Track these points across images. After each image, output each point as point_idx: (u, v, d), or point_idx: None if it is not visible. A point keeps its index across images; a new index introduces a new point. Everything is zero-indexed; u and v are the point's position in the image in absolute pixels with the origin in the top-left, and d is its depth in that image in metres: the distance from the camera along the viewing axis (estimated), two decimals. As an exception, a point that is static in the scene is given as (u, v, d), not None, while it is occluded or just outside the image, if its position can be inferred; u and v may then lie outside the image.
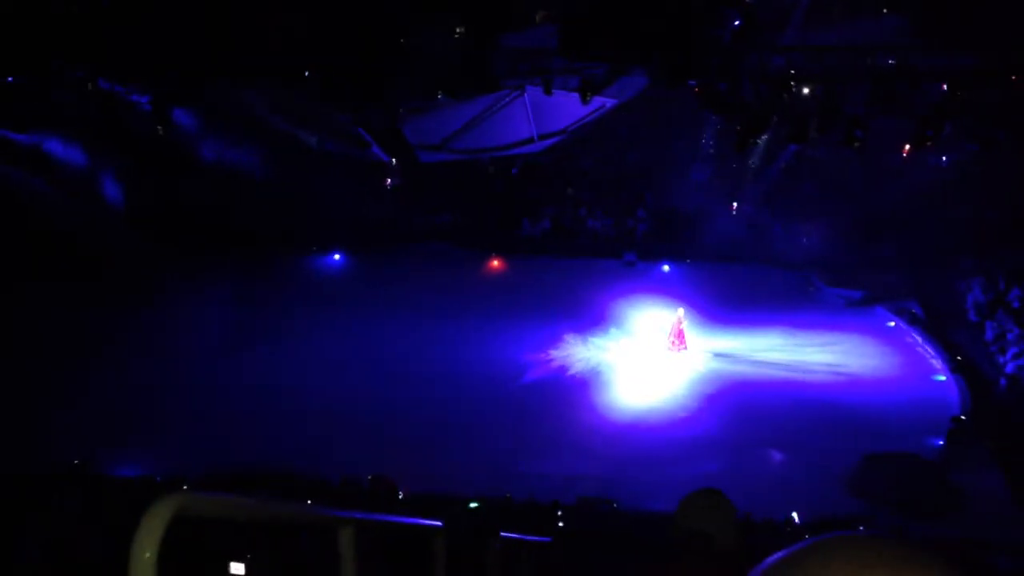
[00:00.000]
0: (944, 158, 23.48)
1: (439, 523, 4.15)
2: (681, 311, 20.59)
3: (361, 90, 18.44)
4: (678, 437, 17.60)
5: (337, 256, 25.63)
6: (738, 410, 18.59)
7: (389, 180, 24.08)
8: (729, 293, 23.02)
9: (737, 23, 18.72)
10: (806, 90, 19.84)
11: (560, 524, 13.05)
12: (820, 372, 19.81)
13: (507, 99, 20.80)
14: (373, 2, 18.28)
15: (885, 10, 21.20)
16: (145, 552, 1.93)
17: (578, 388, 19.59)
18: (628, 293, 23.65)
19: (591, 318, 22.32)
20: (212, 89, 20.46)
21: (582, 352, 21.15)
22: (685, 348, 20.44)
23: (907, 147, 21.79)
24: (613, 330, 21.98)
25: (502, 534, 5.62)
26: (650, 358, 20.67)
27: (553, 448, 17.02)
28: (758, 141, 22.13)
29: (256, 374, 19.65)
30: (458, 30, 18.54)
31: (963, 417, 17.45)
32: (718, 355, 20.62)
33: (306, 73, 18.73)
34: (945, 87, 19.80)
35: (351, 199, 24.57)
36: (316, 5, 17.44)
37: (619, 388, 19.57)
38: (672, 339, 20.42)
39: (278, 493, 13.64)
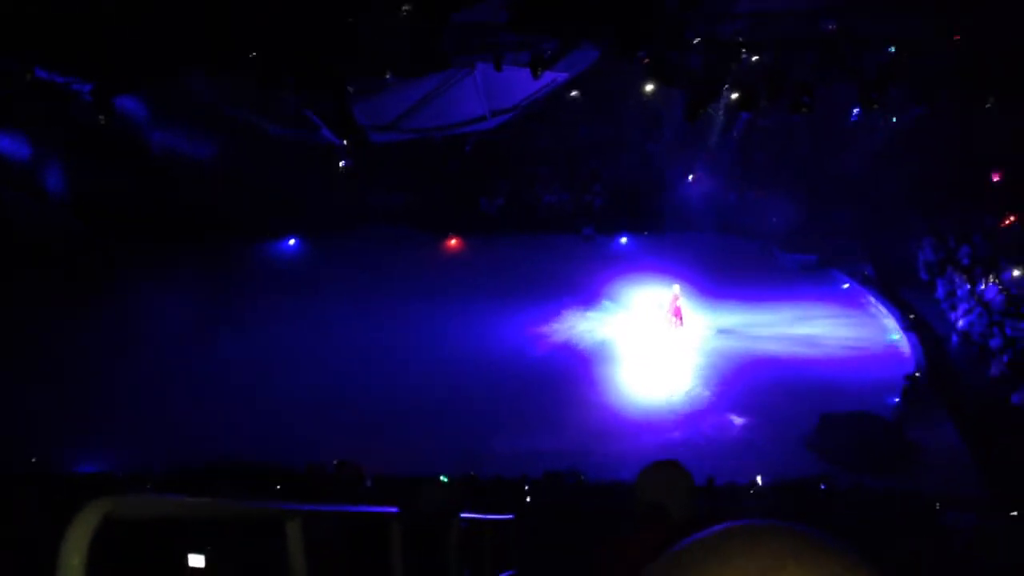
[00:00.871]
0: (893, 120, 23.75)
1: (394, 509, 4.13)
2: (677, 287, 20.50)
3: (308, 72, 18.13)
4: (643, 407, 17.77)
5: (292, 241, 25.32)
6: (700, 378, 18.83)
7: (341, 163, 23.77)
8: (690, 263, 23.15)
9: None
10: (755, 58, 19.96)
11: (527, 499, 13.15)
12: (778, 336, 20.08)
13: (458, 76, 20.61)
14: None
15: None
16: (74, 558, 1.88)
17: (548, 365, 19.55)
18: (591, 267, 23.77)
19: (559, 294, 22.28)
20: (153, 78, 19.97)
21: (560, 328, 21.12)
22: (681, 324, 20.37)
23: (855, 112, 22.07)
24: (585, 306, 21.96)
25: (463, 515, 5.61)
26: (623, 332, 20.75)
27: (524, 426, 17.05)
28: (709, 111, 22.21)
29: (219, 364, 19.42)
30: (405, 7, 18.27)
31: (917, 374, 17.83)
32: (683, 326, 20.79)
33: (251, 55, 18.36)
34: (892, 50, 20.05)
35: (303, 183, 24.24)
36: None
37: (589, 364, 19.62)
38: (670, 315, 20.40)
39: (243, 484, 13.58)
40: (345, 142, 22.40)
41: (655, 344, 20.12)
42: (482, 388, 18.38)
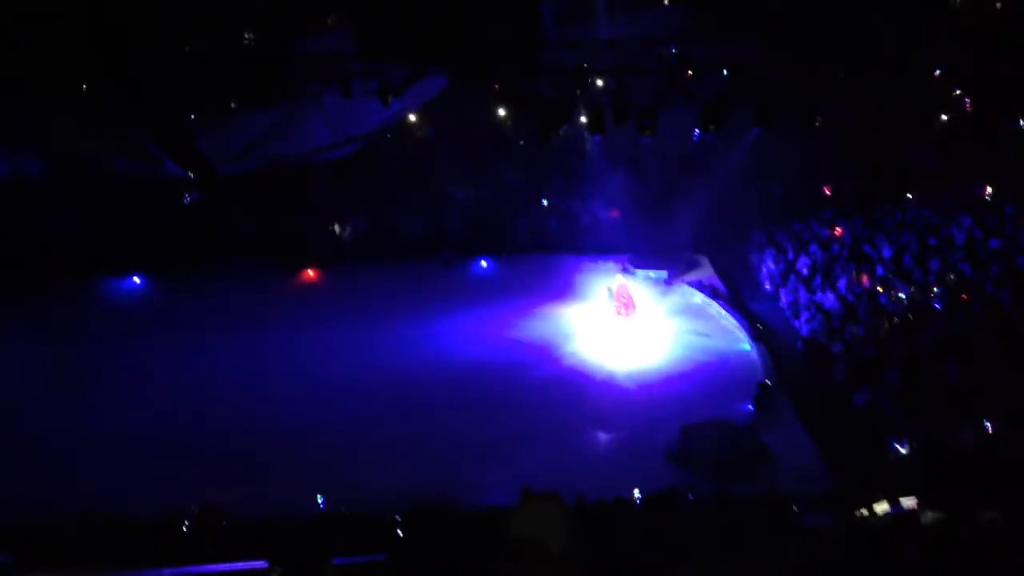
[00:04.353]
0: (732, 141, 25.00)
1: (264, 563, 3.89)
2: (619, 276, 21.20)
3: (143, 104, 17.33)
4: (508, 431, 17.70)
5: (137, 279, 23.94)
6: (561, 397, 19.02)
7: (187, 195, 22.73)
8: (546, 283, 23.55)
9: (524, 22, 19.17)
10: (600, 83, 20.61)
11: (400, 533, 12.85)
12: (636, 350, 20.58)
13: (307, 105, 20.23)
14: (153, 9, 17.24)
15: (666, 2, 22.33)
16: None
17: (414, 392, 19.06)
18: (444, 293, 23.74)
19: (422, 319, 22.04)
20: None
21: (424, 354, 20.77)
22: (635, 310, 21.06)
23: (696, 133, 23.12)
24: (452, 329, 21.85)
25: (334, 561, 5.38)
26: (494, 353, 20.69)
27: (389, 458, 16.68)
28: (560, 134, 22.73)
29: (64, 413, 18.12)
30: (247, 36, 17.81)
31: (767, 381, 18.68)
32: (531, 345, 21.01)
33: (83, 88, 17.39)
34: (725, 73, 21.20)
35: (148, 218, 23.05)
36: (88, 19, 16.20)
37: (456, 388, 19.32)
38: (620, 305, 20.96)
39: (100, 538, 12.71)
40: (191, 174, 21.48)
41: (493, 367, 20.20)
42: (346, 420, 17.92)
